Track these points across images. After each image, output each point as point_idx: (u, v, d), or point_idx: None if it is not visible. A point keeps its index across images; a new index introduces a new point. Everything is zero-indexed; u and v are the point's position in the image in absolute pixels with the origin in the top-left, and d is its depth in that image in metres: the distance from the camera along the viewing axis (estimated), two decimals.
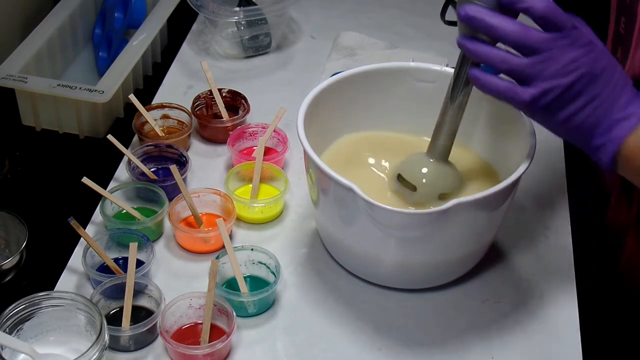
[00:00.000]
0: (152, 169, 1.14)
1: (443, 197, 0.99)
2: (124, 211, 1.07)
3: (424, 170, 1.00)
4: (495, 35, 0.83)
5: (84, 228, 1.01)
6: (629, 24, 0.99)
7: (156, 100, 1.29)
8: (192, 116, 1.21)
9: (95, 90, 1.19)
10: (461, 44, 0.86)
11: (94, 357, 0.85)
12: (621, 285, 1.11)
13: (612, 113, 0.84)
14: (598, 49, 0.84)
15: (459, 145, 1.10)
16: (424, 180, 0.99)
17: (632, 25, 0.98)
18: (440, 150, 0.99)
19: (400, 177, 1.01)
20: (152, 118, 1.18)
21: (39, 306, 0.90)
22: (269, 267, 1.00)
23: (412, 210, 0.91)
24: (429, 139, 1.00)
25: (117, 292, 0.95)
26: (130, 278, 0.94)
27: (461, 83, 0.93)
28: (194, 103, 1.23)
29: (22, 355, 0.89)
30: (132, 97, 1.18)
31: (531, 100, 0.83)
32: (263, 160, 1.12)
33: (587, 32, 0.85)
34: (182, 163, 1.13)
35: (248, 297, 0.96)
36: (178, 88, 1.32)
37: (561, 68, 0.82)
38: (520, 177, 0.93)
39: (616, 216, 1.11)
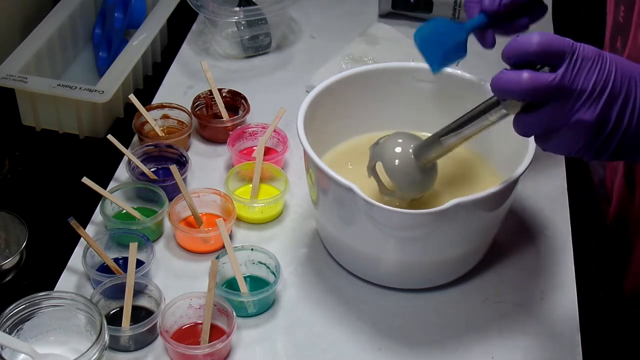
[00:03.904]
0: (152, 169, 1.14)
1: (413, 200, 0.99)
2: (124, 211, 1.07)
3: (408, 176, 0.97)
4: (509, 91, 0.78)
5: (84, 228, 1.01)
6: (628, 12, 0.99)
7: (156, 100, 1.29)
8: (192, 116, 1.21)
9: (95, 90, 1.19)
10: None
11: (94, 357, 0.85)
12: (622, 286, 1.11)
13: None
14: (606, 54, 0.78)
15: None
16: (404, 186, 0.97)
17: (631, 14, 0.98)
18: (429, 161, 0.96)
19: (377, 167, 0.98)
20: (152, 118, 1.18)
21: (39, 306, 0.90)
22: (269, 267, 1.00)
23: (411, 210, 0.91)
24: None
25: (117, 292, 0.95)
26: (130, 278, 0.94)
27: (478, 116, 0.89)
28: (194, 103, 1.23)
29: (22, 355, 0.89)
30: (132, 97, 1.18)
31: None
32: (263, 160, 1.12)
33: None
34: (182, 163, 1.13)
35: (248, 297, 0.96)
36: (178, 88, 1.32)
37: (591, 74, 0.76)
38: (520, 177, 0.93)
39: (619, 212, 1.10)
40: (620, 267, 1.11)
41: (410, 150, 0.97)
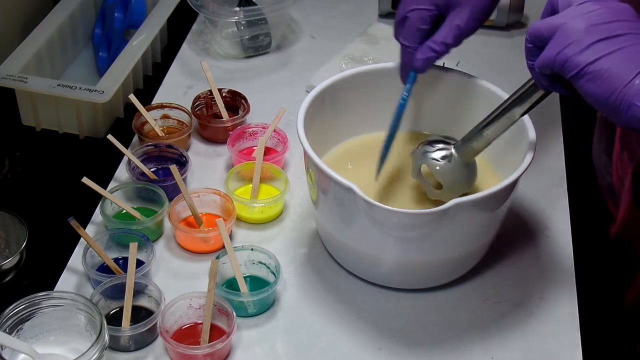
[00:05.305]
0: (152, 169, 1.14)
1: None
2: (124, 211, 1.07)
3: (456, 172, 0.99)
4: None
5: (84, 228, 1.01)
6: None
7: (156, 100, 1.29)
8: (192, 116, 1.21)
9: (95, 90, 1.19)
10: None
11: (94, 357, 0.85)
12: (622, 286, 1.11)
13: None
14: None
15: None
16: (454, 181, 0.98)
17: None
18: (472, 154, 0.98)
19: (422, 170, 0.99)
20: (152, 118, 1.18)
21: (39, 306, 0.90)
22: (269, 267, 1.00)
23: (411, 210, 0.91)
24: (430, 135, 0.99)
25: (117, 292, 0.95)
26: (130, 278, 0.94)
27: (525, 96, 0.91)
28: (194, 103, 1.23)
29: (22, 355, 0.89)
30: (132, 97, 1.18)
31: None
32: (263, 160, 1.12)
33: None
34: (182, 163, 1.13)
35: (248, 297, 0.96)
36: (178, 88, 1.32)
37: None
38: (520, 177, 0.93)
39: (626, 223, 1.10)
40: (624, 276, 1.11)
41: (453, 149, 0.98)
